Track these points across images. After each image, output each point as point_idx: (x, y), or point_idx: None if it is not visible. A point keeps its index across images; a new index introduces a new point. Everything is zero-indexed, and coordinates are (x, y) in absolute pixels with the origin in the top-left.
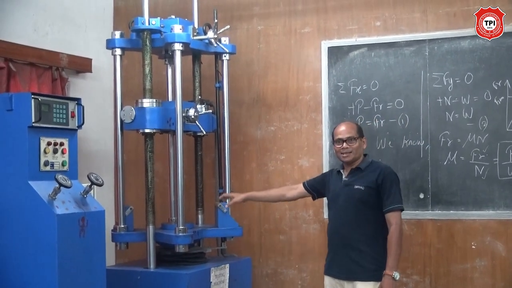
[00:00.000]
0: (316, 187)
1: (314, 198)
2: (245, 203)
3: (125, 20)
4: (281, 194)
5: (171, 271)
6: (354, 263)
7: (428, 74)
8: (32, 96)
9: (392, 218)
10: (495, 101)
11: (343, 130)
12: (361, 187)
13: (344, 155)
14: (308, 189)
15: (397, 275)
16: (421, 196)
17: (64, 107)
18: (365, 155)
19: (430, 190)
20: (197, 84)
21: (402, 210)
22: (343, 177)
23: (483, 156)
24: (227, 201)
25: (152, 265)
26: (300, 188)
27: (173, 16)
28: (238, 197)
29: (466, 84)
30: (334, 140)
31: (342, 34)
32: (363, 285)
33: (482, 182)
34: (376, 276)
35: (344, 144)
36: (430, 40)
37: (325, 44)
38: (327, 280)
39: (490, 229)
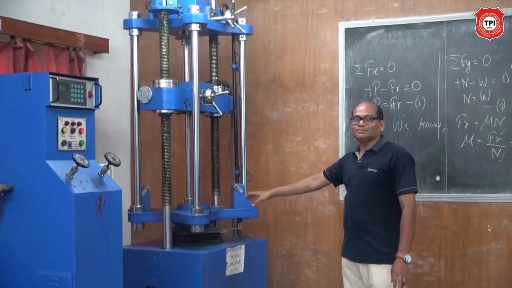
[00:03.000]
0: (336, 174)
1: (335, 185)
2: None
3: (142, 0)
4: (307, 186)
5: (187, 251)
6: (368, 246)
7: (445, 56)
8: (50, 75)
9: (405, 200)
10: None
11: (362, 108)
12: (374, 170)
13: (360, 131)
14: (328, 177)
15: (408, 258)
16: (437, 178)
17: (82, 87)
18: (381, 136)
19: (447, 172)
20: (213, 65)
21: (415, 192)
22: (358, 159)
23: (500, 138)
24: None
25: (168, 245)
26: (321, 178)
27: None
28: (264, 195)
29: (483, 66)
30: (352, 117)
31: (360, 16)
32: (377, 268)
33: (498, 165)
34: (390, 259)
35: (361, 122)
36: (448, 22)
37: (342, 26)
38: (344, 262)
39: (506, 212)
